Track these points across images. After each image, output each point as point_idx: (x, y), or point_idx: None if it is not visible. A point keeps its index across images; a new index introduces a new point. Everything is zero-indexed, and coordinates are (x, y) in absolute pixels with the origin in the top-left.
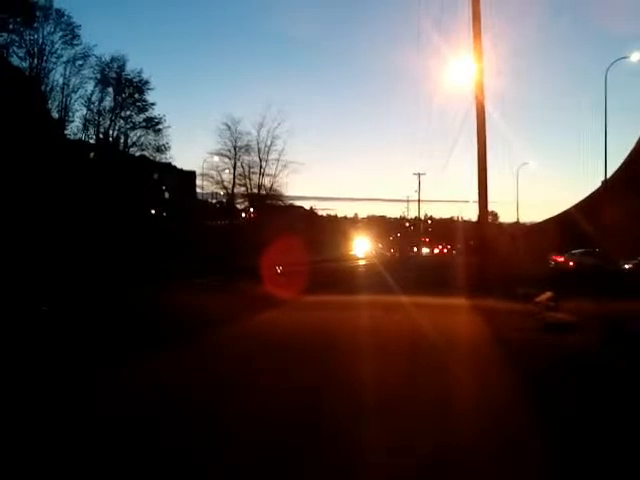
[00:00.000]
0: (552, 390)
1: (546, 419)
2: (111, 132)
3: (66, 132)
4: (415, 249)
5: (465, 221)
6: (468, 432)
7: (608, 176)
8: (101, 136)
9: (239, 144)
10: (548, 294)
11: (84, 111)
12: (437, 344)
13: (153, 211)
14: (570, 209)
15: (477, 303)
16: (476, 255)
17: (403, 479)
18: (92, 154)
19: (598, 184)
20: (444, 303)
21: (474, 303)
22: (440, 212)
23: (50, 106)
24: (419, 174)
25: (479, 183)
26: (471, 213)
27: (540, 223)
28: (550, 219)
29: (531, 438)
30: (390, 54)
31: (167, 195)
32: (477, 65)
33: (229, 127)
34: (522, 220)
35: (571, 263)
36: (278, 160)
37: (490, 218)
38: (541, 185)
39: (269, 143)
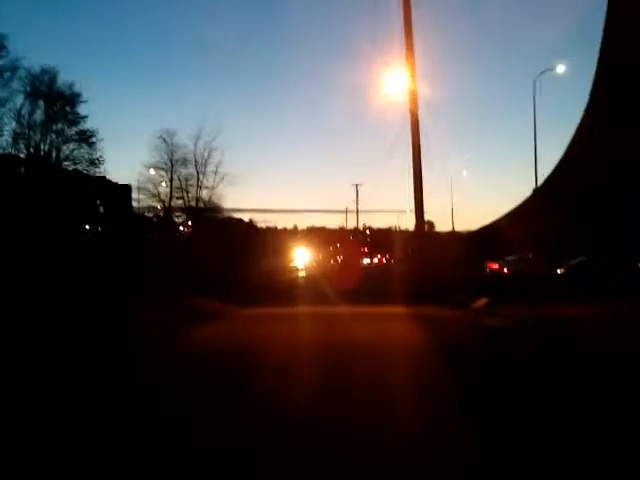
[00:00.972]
0: (491, 393)
1: (474, 419)
2: (43, 146)
3: None
4: (356, 259)
5: (403, 231)
6: (401, 437)
7: (539, 184)
8: (32, 150)
9: (175, 157)
10: (483, 300)
11: (13, 124)
12: (375, 353)
13: (87, 226)
14: (501, 218)
15: (415, 311)
16: (413, 264)
17: None
18: (22, 169)
19: (529, 193)
20: (383, 312)
21: (412, 311)
22: (379, 222)
23: None
24: (357, 185)
25: (415, 192)
26: (408, 223)
27: (475, 231)
28: (484, 227)
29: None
30: (326, 66)
31: (102, 209)
32: (410, 77)
33: (165, 140)
34: (458, 229)
35: (505, 270)
36: (215, 172)
37: (426, 227)
38: (476, 194)
39: (206, 155)
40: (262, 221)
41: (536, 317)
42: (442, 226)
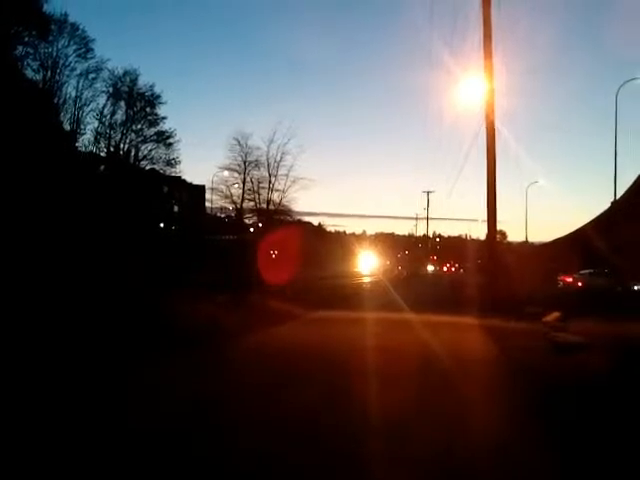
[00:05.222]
0: (559, 410)
1: (552, 438)
2: (122, 145)
3: (77, 144)
4: (423, 267)
5: (473, 240)
6: (476, 452)
7: (618, 197)
8: (112, 149)
9: (249, 159)
10: (556, 314)
11: (96, 124)
12: (445, 363)
13: (162, 224)
14: (582, 228)
15: (485, 322)
16: (484, 274)
17: None
18: (102, 167)
19: (608, 205)
20: (452, 321)
21: (482, 322)
22: (448, 230)
23: (62, 118)
24: (428, 192)
25: (488, 202)
26: (479, 232)
27: (549, 243)
28: (559, 239)
29: (537, 460)
30: (402, 73)
31: (176, 209)
32: (488, 85)
33: (239, 142)
34: (530, 240)
35: (580, 283)
36: (287, 176)
37: (498, 237)
38: (550, 205)
39: (279, 159)
40: (332, 225)
41: (610, 333)
42: (514, 236)
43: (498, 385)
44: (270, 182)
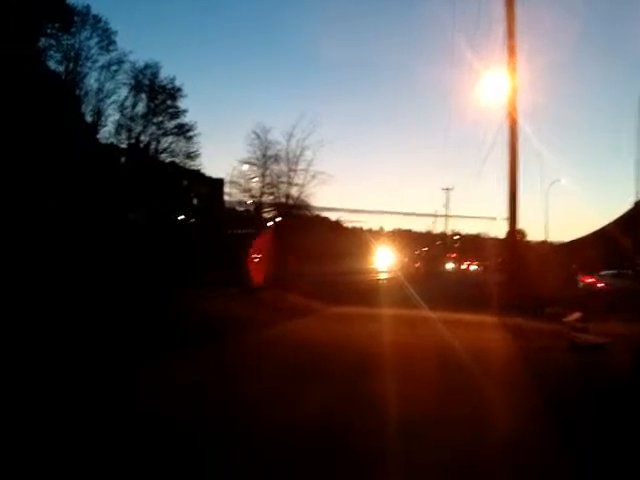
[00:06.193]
0: (579, 411)
1: (573, 441)
2: (142, 137)
3: (98, 136)
4: (442, 265)
5: (492, 238)
6: (496, 453)
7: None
8: (133, 141)
9: (268, 153)
10: (577, 315)
11: (117, 116)
12: (466, 361)
13: (181, 217)
14: (604, 227)
15: (506, 321)
16: (503, 272)
17: None
18: (123, 159)
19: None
20: (472, 320)
21: (502, 321)
22: (467, 228)
23: (84, 110)
24: (447, 189)
25: (509, 200)
26: (498, 230)
27: (569, 242)
28: (580, 239)
29: (558, 461)
30: (422, 69)
31: (195, 202)
32: (511, 82)
33: (259, 136)
34: (550, 239)
35: (601, 284)
36: (306, 170)
37: (517, 236)
38: (571, 204)
39: (298, 153)
40: (349, 221)
41: (631, 334)
42: (533, 235)
43: (518, 384)
44: (289, 176)
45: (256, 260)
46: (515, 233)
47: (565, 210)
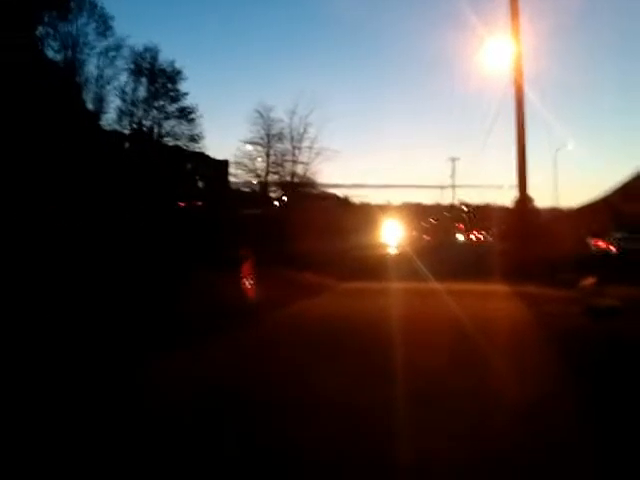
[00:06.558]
0: (600, 377)
1: (593, 406)
2: (145, 122)
3: (101, 123)
4: (451, 236)
5: (500, 207)
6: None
7: None
8: (135, 126)
9: (272, 132)
10: (591, 279)
11: (118, 102)
12: (481, 330)
13: (187, 200)
14: (607, 195)
15: (518, 289)
16: (513, 240)
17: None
18: (127, 144)
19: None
20: (484, 290)
21: (515, 289)
22: (475, 198)
23: (85, 97)
24: (453, 159)
25: (518, 167)
26: (505, 199)
27: (578, 208)
28: (588, 204)
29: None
30: (426, 38)
31: (200, 184)
32: (515, 47)
33: (261, 115)
34: (559, 205)
35: (613, 248)
36: (311, 148)
37: (526, 203)
38: (578, 169)
39: (302, 131)
40: (356, 196)
41: None
42: (542, 202)
43: (537, 350)
44: (294, 154)
45: (265, 240)
46: (525, 199)
47: (574, 176)
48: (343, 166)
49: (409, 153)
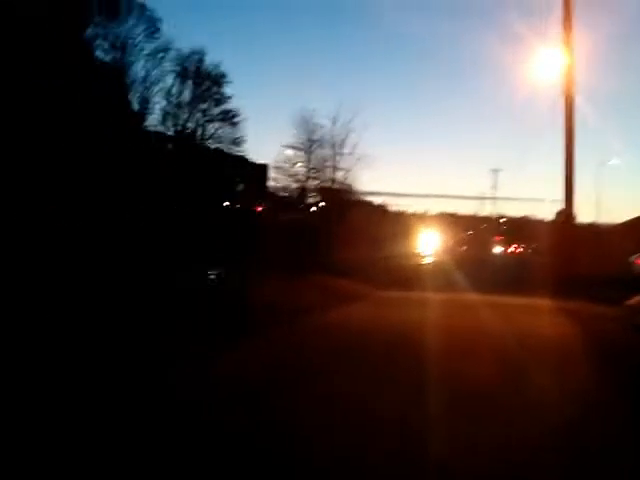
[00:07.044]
0: None
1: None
2: (189, 124)
3: (146, 124)
4: (489, 248)
5: (539, 220)
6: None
7: None
8: (179, 128)
9: (313, 137)
10: (638, 298)
11: (163, 103)
12: (525, 346)
13: (227, 203)
14: None
15: (562, 305)
16: (556, 255)
17: None
18: (170, 146)
19: None
20: (525, 304)
21: (559, 305)
22: (513, 210)
23: (131, 98)
24: (495, 170)
25: (565, 180)
26: (545, 213)
27: (622, 224)
28: (632, 220)
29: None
30: (470, 44)
31: (240, 188)
32: (567, 59)
33: (304, 120)
34: (601, 221)
35: None
36: (352, 154)
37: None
38: (623, 184)
39: (343, 137)
40: (394, 204)
41: None
42: (583, 217)
43: (585, 367)
44: (335, 160)
45: (305, 245)
46: (571, 214)
47: (619, 191)
48: (382, 172)
49: (450, 163)
